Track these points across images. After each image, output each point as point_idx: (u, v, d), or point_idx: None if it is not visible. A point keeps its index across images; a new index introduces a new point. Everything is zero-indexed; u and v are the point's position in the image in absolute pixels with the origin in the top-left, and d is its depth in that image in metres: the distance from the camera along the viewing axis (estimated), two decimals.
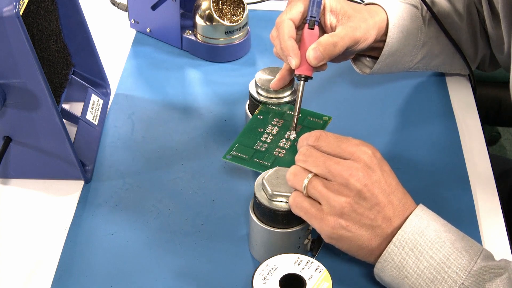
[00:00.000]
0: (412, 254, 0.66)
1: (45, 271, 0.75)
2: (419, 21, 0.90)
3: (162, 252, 0.77)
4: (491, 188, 0.85)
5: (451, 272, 0.65)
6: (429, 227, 0.67)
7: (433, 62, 0.95)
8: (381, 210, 0.67)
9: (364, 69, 0.92)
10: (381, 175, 0.67)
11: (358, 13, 0.83)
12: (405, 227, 0.67)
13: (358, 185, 0.66)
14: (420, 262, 0.66)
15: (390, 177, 0.69)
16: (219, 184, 0.85)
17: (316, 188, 0.67)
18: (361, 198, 0.66)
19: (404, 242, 0.66)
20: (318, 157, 0.68)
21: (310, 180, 0.68)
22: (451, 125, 0.94)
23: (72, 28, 0.89)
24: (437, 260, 0.65)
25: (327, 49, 0.79)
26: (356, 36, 0.81)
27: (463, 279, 0.64)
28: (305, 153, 0.69)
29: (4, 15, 0.69)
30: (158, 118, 0.95)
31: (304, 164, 0.69)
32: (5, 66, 0.73)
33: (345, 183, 0.66)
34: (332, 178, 0.67)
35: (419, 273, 0.66)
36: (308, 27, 0.81)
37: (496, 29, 0.91)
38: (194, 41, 1.06)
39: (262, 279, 0.65)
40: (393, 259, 0.67)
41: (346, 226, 0.67)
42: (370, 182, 0.66)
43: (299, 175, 0.69)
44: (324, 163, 0.67)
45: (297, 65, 0.80)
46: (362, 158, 0.67)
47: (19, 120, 0.78)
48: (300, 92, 0.81)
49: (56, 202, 0.83)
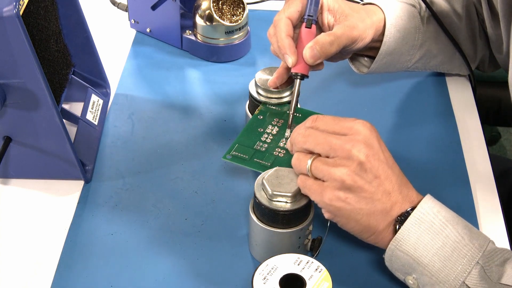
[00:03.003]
0: (428, 233, 0.66)
1: (45, 271, 0.75)
2: (417, 20, 0.90)
3: (162, 252, 0.77)
4: (491, 188, 0.85)
5: (466, 250, 0.65)
6: (442, 211, 0.67)
7: (432, 62, 0.95)
8: (381, 184, 0.67)
9: (362, 68, 0.92)
10: (380, 148, 0.68)
11: (355, 13, 0.83)
12: (421, 207, 0.67)
13: (360, 155, 0.66)
14: (435, 241, 0.66)
15: (386, 152, 0.70)
16: (219, 184, 0.85)
17: (318, 168, 0.68)
18: (362, 169, 0.66)
19: (420, 220, 0.66)
20: (318, 135, 0.69)
21: (312, 162, 0.68)
22: (451, 125, 0.94)
23: (72, 28, 0.89)
24: (452, 239, 0.66)
25: (324, 48, 0.79)
26: (353, 35, 0.81)
27: (478, 258, 0.65)
28: (304, 133, 0.69)
29: (4, 15, 0.69)
30: (158, 118, 0.95)
31: (304, 144, 0.69)
32: (5, 66, 0.73)
33: (347, 155, 0.66)
34: (334, 153, 0.67)
35: (434, 251, 0.66)
36: (305, 26, 0.81)
37: (496, 29, 0.91)
38: (194, 41, 1.06)
39: (262, 279, 0.65)
40: (409, 236, 0.66)
41: (345, 198, 0.67)
42: (371, 153, 0.67)
43: (302, 160, 0.69)
44: (325, 139, 0.68)
45: (294, 64, 0.80)
46: (361, 132, 0.68)
47: (19, 120, 0.78)
48: (296, 90, 0.81)
49: (56, 202, 0.83)
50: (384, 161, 0.68)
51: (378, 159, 0.67)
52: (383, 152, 0.68)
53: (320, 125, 0.70)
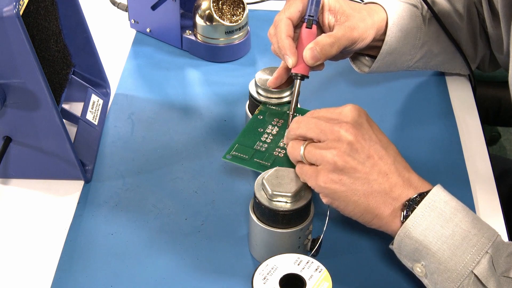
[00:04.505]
0: (438, 220, 0.66)
1: (45, 271, 0.75)
2: (419, 20, 0.90)
3: (162, 252, 0.77)
4: (491, 188, 0.85)
5: (476, 240, 0.65)
6: (452, 200, 0.67)
7: (433, 62, 0.95)
8: (375, 164, 0.68)
9: (363, 68, 0.92)
10: (370, 129, 0.69)
11: (357, 13, 0.83)
12: (432, 194, 0.67)
13: (348, 136, 0.67)
14: (446, 229, 0.66)
15: (380, 134, 0.70)
16: (219, 184, 0.85)
17: (310, 152, 0.69)
18: (353, 149, 0.67)
19: (431, 208, 0.66)
20: (309, 120, 0.70)
21: (305, 147, 0.70)
22: (451, 125, 0.94)
23: (72, 28, 0.89)
24: (462, 227, 0.66)
25: (324, 49, 0.79)
26: (353, 36, 0.81)
27: (487, 248, 0.65)
28: (297, 120, 0.72)
29: (4, 15, 0.69)
30: (158, 118, 0.95)
31: (297, 130, 0.71)
32: (5, 66, 0.73)
33: (336, 137, 0.68)
34: (324, 137, 0.68)
35: (444, 239, 0.65)
36: (306, 26, 0.81)
37: (496, 29, 0.91)
38: (194, 41, 1.06)
39: (262, 279, 0.65)
40: (419, 223, 0.66)
41: (339, 180, 0.67)
42: (360, 133, 0.68)
43: (295, 147, 0.71)
44: (315, 124, 0.70)
45: (294, 64, 0.80)
46: (350, 114, 0.69)
47: (19, 120, 0.78)
48: (296, 90, 0.81)
49: (56, 202, 0.83)
50: (377, 141, 0.69)
51: (369, 139, 0.68)
52: (374, 133, 0.69)
53: (314, 115, 0.72)
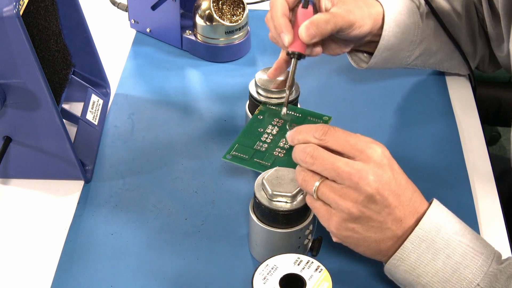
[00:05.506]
0: (428, 252, 0.65)
1: (45, 271, 0.75)
2: (417, 16, 0.90)
3: (162, 252, 0.77)
4: (491, 188, 0.85)
5: (467, 273, 0.64)
6: (447, 225, 0.66)
7: (431, 60, 0.95)
8: (391, 212, 0.65)
9: (361, 63, 0.92)
10: (391, 175, 0.65)
11: (353, 1, 0.83)
12: (422, 224, 0.65)
13: (368, 189, 0.63)
14: (436, 261, 0.64)
15: (400, 176, 0.66)
16: (219, 184, 0.85)
17: (325, 194, 0.66)
18: (371, 201, 0.64)
19: (421, 239, 0.65)
20: (325, 158, 0.65)
21: (319, 187, 0.66)
22: (451, 125, 0.94)
23: (72, 28, 0.89)
24: (453, 259, 0.64)
25: (320, 26, 0.78)
26: (349, 18, 0.80)
27: (478, 280, 0.64)
28: (313, 154, 0.66)
29: (4, 15, 0.69)
30: (158, 118, 0.95)
31: (312, 166, 0.66)
32: (5, 66, 0.73)
33: (354, 186, 0.64)
34: (341, 181, 0.64)
35: (434, 272, 0.65)
36: (302, 6, 0.80)
37: (496, 28, 0.91)
38: (194, 41, 1.06)
39: (262, 279, 0.65)
40: (409, 256, 0.65)
41: (353, 228, 0.66)
42: (380, 185, 0.64)
43: (308, 182, 0.66)
44: (332, 165, 0.64)
45: (290, 41, 0.79)
46: (372, 158, 0.64)
47: (19, 120, 0.78)
48: (292, 69, 0.80)
49: (56, 202, 0.83)
50: (396, 188, 0.65)
51: (388, 188, 0.64)
52: (395, 178, 0.65)
53: (329, 140, 0.66)
